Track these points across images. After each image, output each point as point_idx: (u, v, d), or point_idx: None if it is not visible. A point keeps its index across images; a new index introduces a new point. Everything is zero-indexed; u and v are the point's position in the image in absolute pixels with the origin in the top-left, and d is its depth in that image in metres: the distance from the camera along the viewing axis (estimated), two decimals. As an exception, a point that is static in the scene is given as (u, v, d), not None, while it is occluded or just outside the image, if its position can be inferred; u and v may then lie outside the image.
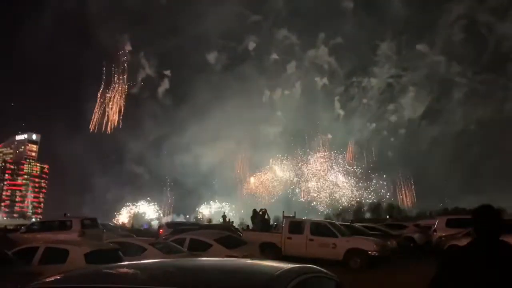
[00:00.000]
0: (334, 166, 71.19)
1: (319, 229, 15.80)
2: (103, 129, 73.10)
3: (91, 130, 71.84)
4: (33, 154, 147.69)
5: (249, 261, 3.30)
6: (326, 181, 71.27)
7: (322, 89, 69.69)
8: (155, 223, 54.04)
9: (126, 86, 72.23)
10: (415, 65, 65.58)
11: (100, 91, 71.36)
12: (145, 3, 65.52)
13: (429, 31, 63.87)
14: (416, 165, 62.82)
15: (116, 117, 74.07)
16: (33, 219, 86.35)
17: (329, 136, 70.63)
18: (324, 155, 71.15)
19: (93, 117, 72.69)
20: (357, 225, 21.67)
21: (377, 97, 68.49)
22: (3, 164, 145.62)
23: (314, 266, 2.93)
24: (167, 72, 69.95)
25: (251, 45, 69.45)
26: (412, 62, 65.94)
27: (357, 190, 70.86)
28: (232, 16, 64.22)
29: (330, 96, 69.89)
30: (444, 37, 62.79)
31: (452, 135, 60.90)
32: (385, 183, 70.08)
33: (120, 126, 73.46)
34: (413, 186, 70.29)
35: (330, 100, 69.64)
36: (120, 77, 71.34)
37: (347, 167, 71.21)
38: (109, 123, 73.42)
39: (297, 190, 70.98)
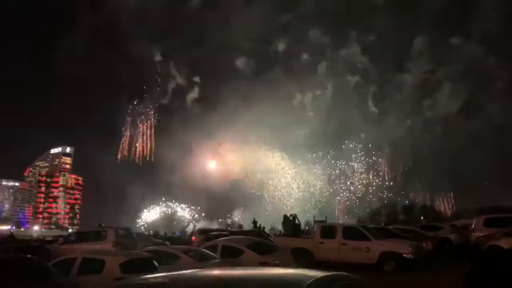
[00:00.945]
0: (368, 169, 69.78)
1: (352, 233, 15.60)
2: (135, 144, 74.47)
3: (120, 154, 73.34)
4: (67, 166, 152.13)
5: (281, 270, 3.29)
6: (359, 183, 70.19)
7: (355, 88, 68.20)
8: (189, 229, 54.49)
9: (157, 97, 73.07)
10: (451, 59, 63.13)
11: (134, 102, 72.52)
12: (172, 12, 66.14)
13: (465, 22, 61.38)
14: (453, 163, 60.47)
15: (148, 132, 75.17)
16: (70, 230, 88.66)
17: (362, 136, 68.98)
18: (357, 157, 69.82)
19: (124, 133, 73.99)
20: (390, 227, 21.29)
21: (412, 93, 66.48)
22: (39, 177, 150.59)
23: (346, 274, 2.90)
24: (197, 79, 70.39)
25: (281, 47, 68.83)
26: (448, 55, 63.48)
27: (391, 191, 69.47)
28: (260, 19, 63.87)
29: (363, 95, 68.33)
30: (481, 28, 59.99)
31: (490, 131, 58.23)
32: (420, 184, 68.13)
33: (152, 140, 74.49)
34: (450, 186, 67.86)
35: (363, 99, 68.06)
36: (152, 89, 72.33)
37: (384, 169, 69.55)
38: (142, 138, 74.56)
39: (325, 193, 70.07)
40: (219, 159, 69.60)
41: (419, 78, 65.22)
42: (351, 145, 69.51)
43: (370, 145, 68.59)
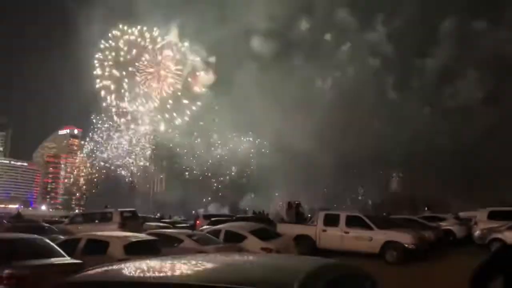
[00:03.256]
0: None
1: (355, 221, 15.63)
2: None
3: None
4: (75, 148, 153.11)
5: (282, 256, 3.32)
6: None
7: (376, 73, 66.73)
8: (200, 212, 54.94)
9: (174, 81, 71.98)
10: (477, 44, 61.18)
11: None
12: None
13: (494, 6, 59.13)
14: (470, 153, 58.80)
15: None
16: (76, 211, 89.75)
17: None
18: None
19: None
20: (394, 217, 21.32)
21: (434, 80, 64.77)
22: (48, 158, 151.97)
23: (348, 263, 2.91)
24: (212, 60, 69.51)
25: (304, 26, 67.46)
26: (474, 40, 61.52)
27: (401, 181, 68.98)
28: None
29: (384, 80, 66.87)
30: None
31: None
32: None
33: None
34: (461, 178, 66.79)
35: (383, 83, 66.58)
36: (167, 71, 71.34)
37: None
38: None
39: None
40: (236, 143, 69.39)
41: (442, 65, 63.19)
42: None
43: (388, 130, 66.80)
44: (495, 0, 59.62)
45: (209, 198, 73.65)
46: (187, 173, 73.82)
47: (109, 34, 69.27)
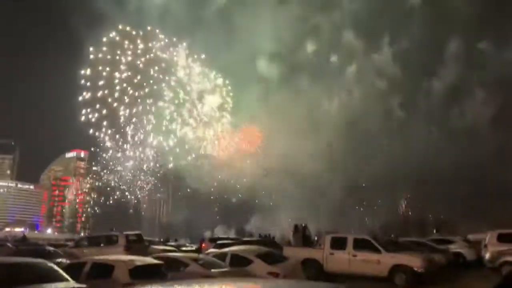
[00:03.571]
0: None
1: (362, 244, 15.40)
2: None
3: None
4: (82, 171, 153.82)
5: (289, 282, 3.28)
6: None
7: (383, 94, 66.89)
8: (206, 236, 54.60)
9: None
10: (484, 65, 61.23)
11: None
12: (195, 15, 65.81)
13: (501, 26, 59.31)
14: (475, 177, 58.13)
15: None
16: (82, 234, 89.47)
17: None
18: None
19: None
20: (402, 240, 21.01)
21: (440, 101, 64.79)
22: (54, 181, 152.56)
23: None
24: (219, 82, 69.84)
25: (310, 48, 68.10)
26: (481, 61, 61.65)
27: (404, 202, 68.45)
28: (291, 20, 63.13)
29: (390, 101, 67.03)
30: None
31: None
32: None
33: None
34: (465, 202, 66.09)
35: (389, 105, 66.67)
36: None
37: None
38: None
39: None
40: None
41: (450, 85, 63.14)
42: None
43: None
44: (502, 20, 59.75)
45: (217, 217, 73.29)
46: (192, 195, 73.69)
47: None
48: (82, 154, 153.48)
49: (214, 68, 68.40)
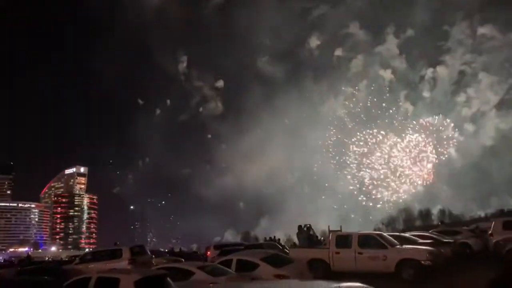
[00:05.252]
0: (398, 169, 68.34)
1: (368, 241, 15.32)
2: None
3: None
4: (82, 186, 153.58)
5: (296, 282, 3.23)
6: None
7: (389, 85, 66.60)
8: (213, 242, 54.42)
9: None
10: (490, 50, 60.75)
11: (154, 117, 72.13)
12: (197, 15, 65.71)
13: (506, 8, 58.98)
14: (479, 163, 57.68)
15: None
16: (86, 250, 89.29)
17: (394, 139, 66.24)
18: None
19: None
20: (407, 234, 20.92)
21: (447, 88, 64.43)
22: (56, 198, 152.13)
23: (360, 284, 2.83)
24: (220, 83, 70.06)
25: (314, 42, 67.92)
26: (486, 46, 61.15)
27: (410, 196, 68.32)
28: (294, 14, 62.80)
29: (396, 91, 66.76)
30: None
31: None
32: (444, 188, 66.38)
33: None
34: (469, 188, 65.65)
35: (396, 95, 66.38)
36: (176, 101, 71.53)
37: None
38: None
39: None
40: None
41: (456, 71, 62.52)
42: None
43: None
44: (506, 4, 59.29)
45: (227, 222, 73.23)
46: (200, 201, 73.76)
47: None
48: (82, 169, 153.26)
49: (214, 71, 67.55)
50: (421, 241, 17.60)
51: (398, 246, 14.96)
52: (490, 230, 18.39)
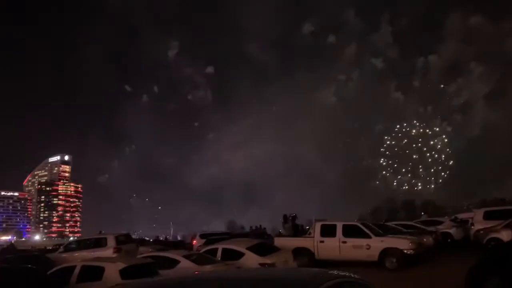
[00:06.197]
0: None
1: (352, 230, 15.52)
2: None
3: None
4: (66, 174, 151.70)
5: (279, 269, 3.27)
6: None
7: (381, 74, 66.35)
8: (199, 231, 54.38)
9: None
10: (481, 40, 60.76)
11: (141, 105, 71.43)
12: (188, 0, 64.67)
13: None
14: (465, 154, 58.05)
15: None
16: (71, 238, 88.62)
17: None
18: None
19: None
20: (391, 223, 21.25)
21: (438, 78, 64.53)
22: (39, 186, 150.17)
23: (343, 273, 2.87)
24: (211, 69, 69.40)
25: (308, 28, 67.44)
26: (478, 36, 61.10)
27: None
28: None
29: (388, 80, 66.68)
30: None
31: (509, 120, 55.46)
32: (428, 178, 67.23)
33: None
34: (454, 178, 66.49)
35: (388, 85, 66.30)
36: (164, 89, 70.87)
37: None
38: None
39: None
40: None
41: (448, 61, 62.41)
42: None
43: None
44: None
45: (214, 211, 73.35)
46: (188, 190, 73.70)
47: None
48: (66, 157, 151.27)
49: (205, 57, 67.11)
50: (404, 230, 17.90)
51: (381, 236, 15.19)
52: (472, 220, 18.78)
